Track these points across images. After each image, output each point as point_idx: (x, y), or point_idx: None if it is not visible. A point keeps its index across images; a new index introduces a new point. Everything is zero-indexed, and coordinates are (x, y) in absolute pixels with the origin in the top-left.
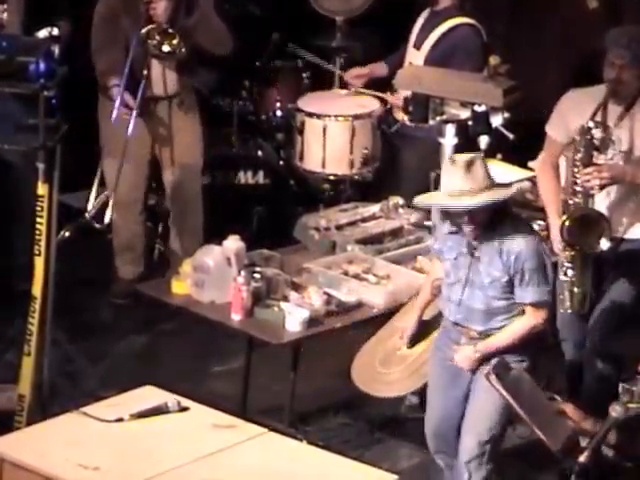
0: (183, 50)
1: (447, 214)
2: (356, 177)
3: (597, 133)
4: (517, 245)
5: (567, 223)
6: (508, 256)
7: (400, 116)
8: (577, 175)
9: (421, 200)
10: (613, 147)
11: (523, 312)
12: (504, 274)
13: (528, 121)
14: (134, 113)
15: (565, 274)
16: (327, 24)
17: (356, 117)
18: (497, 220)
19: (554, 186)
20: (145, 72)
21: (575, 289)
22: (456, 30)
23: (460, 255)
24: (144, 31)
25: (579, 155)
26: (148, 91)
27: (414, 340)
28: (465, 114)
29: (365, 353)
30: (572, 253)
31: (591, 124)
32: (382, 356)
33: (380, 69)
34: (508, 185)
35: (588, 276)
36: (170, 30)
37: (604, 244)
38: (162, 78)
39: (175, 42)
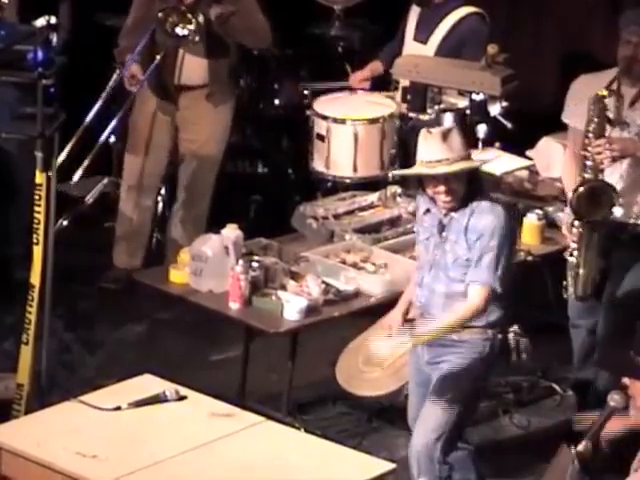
0: (197, 39)
1: (423, 186)
2: (387, 178)
3: (610, 103)
4: (483, 223)
5: (576, 195)
6: (472, 233)
7: None
8: (588, 148)
9: (398, 171)
10: (628, 129)
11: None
12: (466, 252)
13: (526, 110)
14: (138, 85)
15: (571, 255)
16: (325, 13)
17: (385, 119)
18: (470, 196)
19: (577, 174)
20: (158, 57)
21: (580, 271)
22: (466, 20)
23: (431, 236)
24: (161, 12)
25: (592, 126)
26: (176, 79)
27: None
28: (463, 103)
29: (350, 352)
30: (580, 230)
31: (604, 92)
32: (365, 355)
33: (377, 67)
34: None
35: (594, 259)
36: (189, 14)
37: (617, 211)
38: (189, 67)
39: (191, 27)
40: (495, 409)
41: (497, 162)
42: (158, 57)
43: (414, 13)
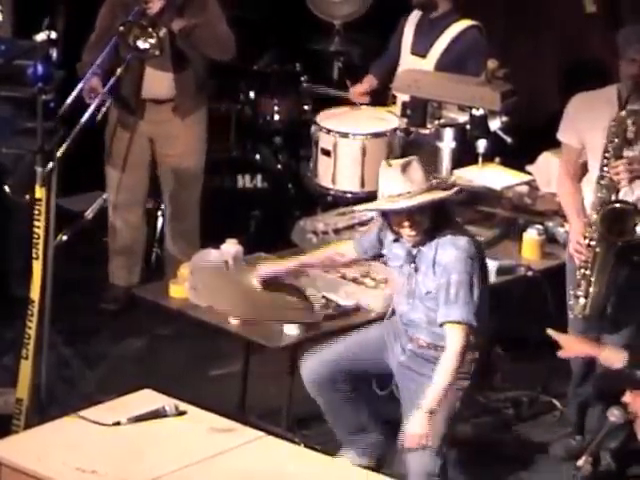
0: (157, 53)
1: (387, 220)
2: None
3: (630, 124)
4: (447, 256)
5: (601, 216)
6: (438, 267)
7: None
8: (606, 168)
9: (361, 206)
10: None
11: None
12: (434, 287)
13: (526, 125)
14: (97, 99)
15: (583, 275)
16: (325, 28)
17: (391, 133)
18: (437, 227)
19: (574, 190)
20: (119, 70)
21: (591, 289)
22: (466, 33)
23: (404, 264)
24: (123, 26)
25: (611, 146)
26: (143, 93)
27: (267, 284)
28: (463, 118)
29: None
30: (597, 250)
31: (624, 113)
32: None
33: (372, 81)
34: (450, 187)
35: (606, 278)
36: (150, 27)
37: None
38: (155, 81)
39: (152, 40)
40: (495, 424)
41: (497, 177)
42: (119, 70)
43: (410, 26)
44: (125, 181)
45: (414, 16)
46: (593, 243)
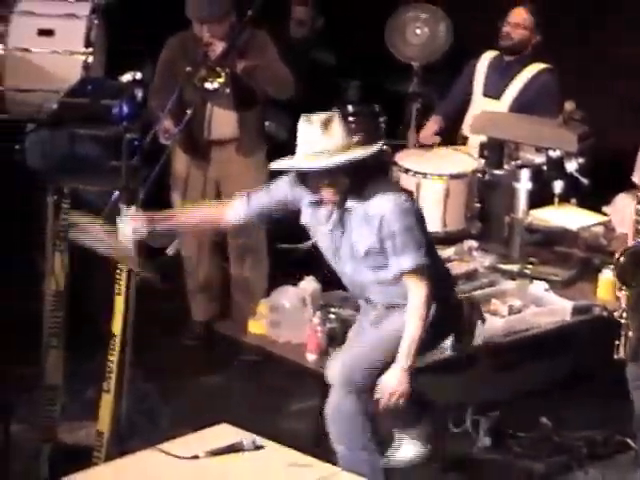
0: (227, 91)
1: (305, 180)
2: (473, 232)
3: None
4: (380, 207)
5: (621, 259)
6: (373, 219)
7: None
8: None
9: (276, 164)
10: None
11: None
12: (374, 241)
13: (602, 166)
14: (171, 139)
15: (621, 317)
16: (402, 70)
17: (471, 174)
18: (360, 184)
19: None
20: (189, 111)
21: (630, 333)
22: (539, 77)
23: (334, 228)
24: (190, 67)
25: None
26: (207, 134)
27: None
28: (540, 159)
29: None
30: (627, 294)
31: None
32: None
33: (439, 122)
34: (371, 143)
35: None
36: (217, 68)
37: None
38: (220, 122)
39: (220, 80)
40: (569, 463)
41: (573, 217)
42: (189, 111)
43: (481, 69)
44: None
45: (485, 59)
46: (624, 287)
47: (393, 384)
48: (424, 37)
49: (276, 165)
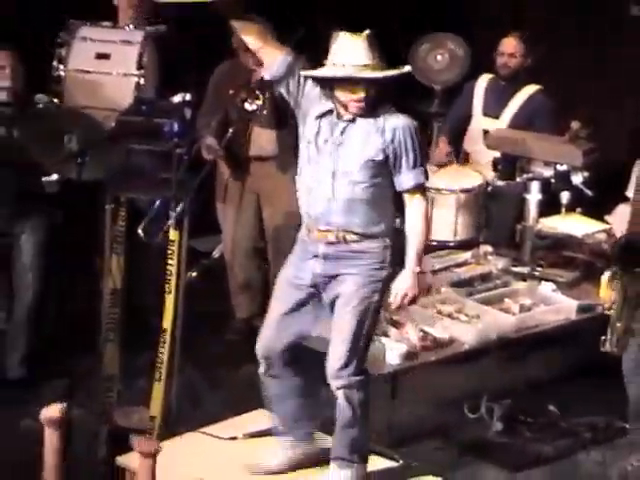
0: (265, 112)
1: (333, 90)
2: (481, 240)
3: None
4: (395, 122)
5: (617, 245)
6: (386, 132)
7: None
8: (634, 208)
9: (319, 71)
10: None
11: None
12: (379, 152)
13: (605, 180)
14: (214, 156)
15: (610, 309)
16: (425, 92)
17: (478, 188)
18: (379, 102)
19: None
20: (231, 130)
21: (617, 324)
22: (534, 97)
23: (327, 141)
24: (233, 90)
25: (637, 189)
26: (247, 151)
27: None
28: (549, 173)
29: None
30: (619, 284)
31: None
32: None
33: (446, 142)
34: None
35: (631, 313)
36: (257, 91)
37: None
38: (260, 139)
39: (258, 102)
40: (574, 446)
41: (578, 225)
42: (231, 130)
43: (479, 91)
44: (237, 227)
45: (483, 81)
46: (617, 275)
47: (405, 287)
48: (444, 63)
49: (322, 73)
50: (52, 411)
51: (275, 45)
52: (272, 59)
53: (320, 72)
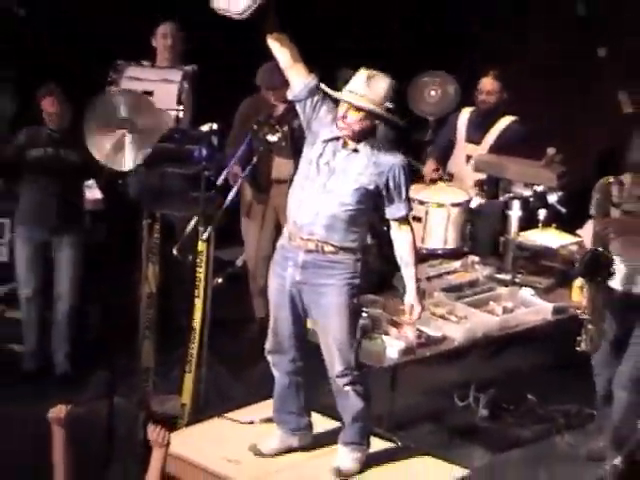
0: (283, 143)
1: (334, 110)
2: (465, 249)
3: (614, 190)
4: (391, 159)
5: (583, 260)
6: (381, 167)
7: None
8: (596, 225)
9: (328, 89)
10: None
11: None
12: (372, 182)
13: (576, 198)
14: (239, 181)
15: (583, 313)
16: (420, 122)
17: (465, 203)
18: (370, 137)
19: None
20: (254, 158)
21: (589, 326)
22: (510, 127)
23: (328, 163)
24: (256, 124)
25: (597, 207)
26: (269, 175)
27: None
28: (527, 192)
29: None
30: (589, 292)
31: (611, 179)
32: None
33: (434, 162)
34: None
35: (601, 315)
36: (276, 125)
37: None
38: (280, 166)
39: (279, 134)
40: (550, 430)
41: (554, 238)
42: (255, 159)
43: (462, 121)
44: (259, 239)
45: (465, 113)
46: (586, 286)
47: (416, 303)
48: (437, 97)
49: (330, 92)
50: (58, 411)
51: (302, 67)
52: (297, 80)
53: (328, 90)
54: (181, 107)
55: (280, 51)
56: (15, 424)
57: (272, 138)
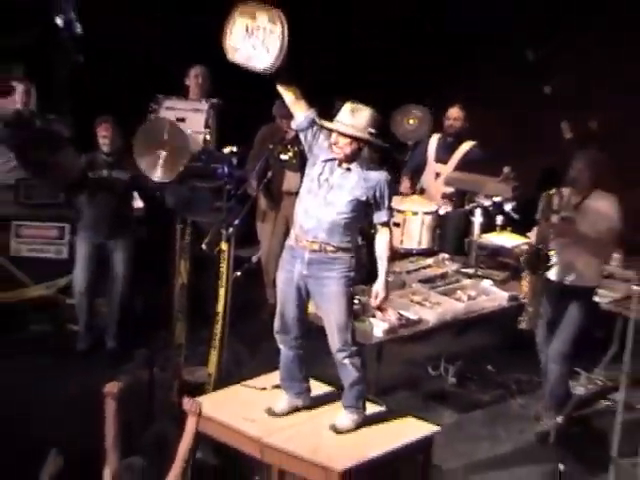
0: (294, 161)
1: (329, 137)
2: (435, 248)
3: (556, 200)
4: (377, 176)
5: (525, 254)
6: (370, 182)
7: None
8: (539, 227)
9: (321, 121)
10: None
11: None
12: (363, 194)
13: (527, 207)
14: (255, 193)
15: (524, 298)
16: (401, 146)
17: (436, 211)
18: (358, 159)
19: None
20: (270, 173)
21: (529, 309)
22: (472, 150)
23: (327, 180)
24: (272, 146)
25: (541, 213)
26: (281, 187)
27: None
28: (488, 202)
29: None
30: (530, 280)
31: (553, 191)
32: None
33: (408, 179)
34: (381, 138)
35: (538, 300)
36: (288, 146)
37: (553, 272)
38: (290, 180)
39: (290, 154)
40: (505, 395)
41: (509, 239)
42: (269, 174)
43: (433, 144)
44: (271, 240)
45: (434, 137)
46: (528, 275)
47: (383, 291)
48: (415, 125)
49: (323, 123)
50: (112, 386)
51: (304, 103)
52: (300, 114)
53: (323, 122)
54: (208, 130)
55: (286, 92)
56: (72, 392)
57: (284, 157)
